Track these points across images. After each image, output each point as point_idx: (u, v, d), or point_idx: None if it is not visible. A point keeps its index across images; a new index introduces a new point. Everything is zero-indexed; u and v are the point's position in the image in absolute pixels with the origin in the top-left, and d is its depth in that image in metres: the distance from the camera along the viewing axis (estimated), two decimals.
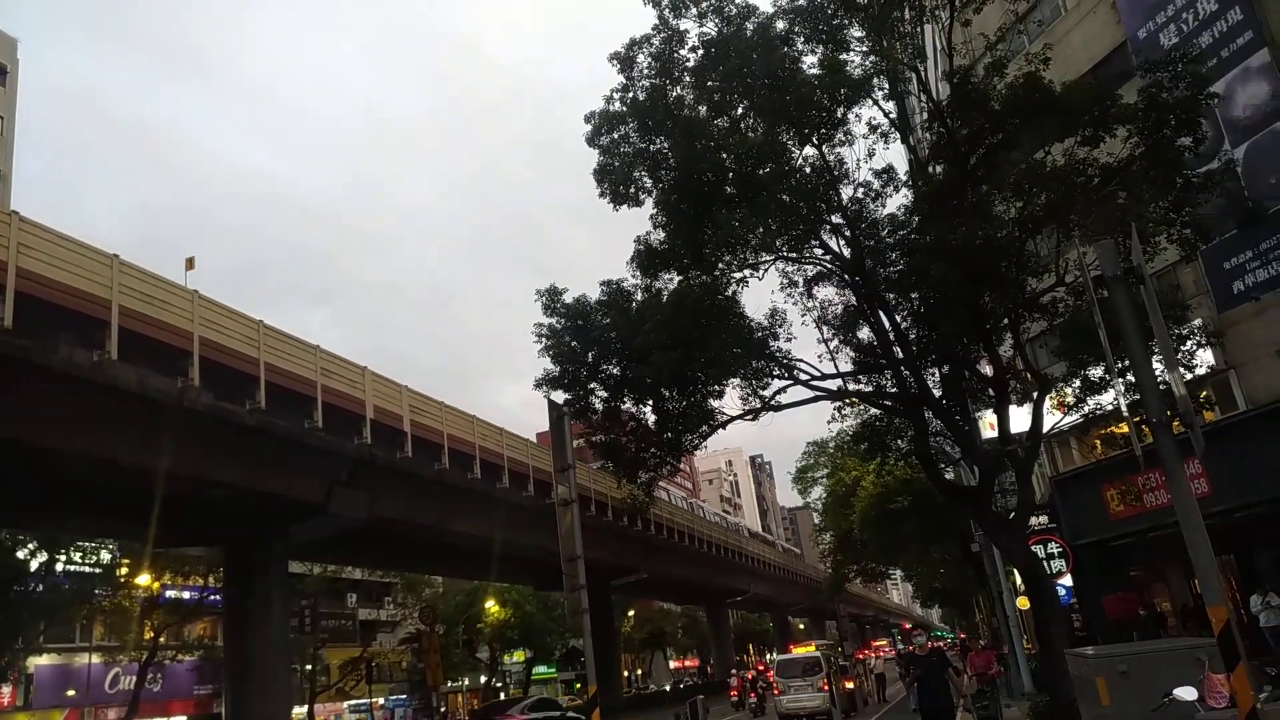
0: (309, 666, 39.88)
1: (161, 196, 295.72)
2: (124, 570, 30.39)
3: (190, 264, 22.11)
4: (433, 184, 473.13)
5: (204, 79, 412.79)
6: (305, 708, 38.44)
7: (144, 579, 29.64)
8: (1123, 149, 14.14)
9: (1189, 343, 16.76)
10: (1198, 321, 18.26)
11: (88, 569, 30.12)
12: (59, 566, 28.33)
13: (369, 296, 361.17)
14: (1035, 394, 16.41)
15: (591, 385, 17.71)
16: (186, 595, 33.98)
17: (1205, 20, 19.41)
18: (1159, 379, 8.02)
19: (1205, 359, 18.75)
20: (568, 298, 17.61)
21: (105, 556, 30.43)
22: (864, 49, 15.61)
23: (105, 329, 17.26)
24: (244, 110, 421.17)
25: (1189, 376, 17.01)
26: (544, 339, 17.54)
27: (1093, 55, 21.98)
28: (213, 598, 31.90)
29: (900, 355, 16.86)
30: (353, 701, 49.35)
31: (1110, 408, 17.31)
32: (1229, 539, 20.24)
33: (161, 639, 31.71)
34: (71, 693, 36.73)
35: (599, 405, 17.89)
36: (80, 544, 29.24)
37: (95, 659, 36.72)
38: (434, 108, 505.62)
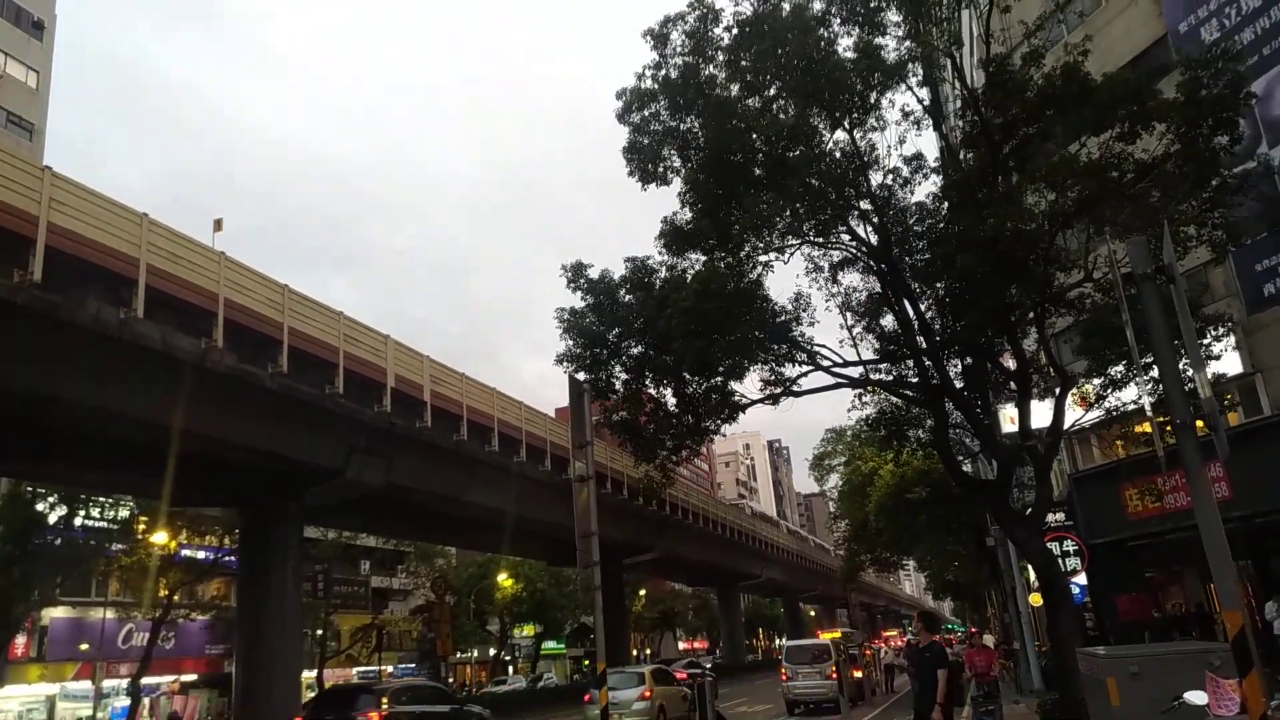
0: (320, 631, 40.32)
1: (187, 158, 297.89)
2: (141, 527, 30.75)
3: (219, 225, 22.28)
4: (458, 153, 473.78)
5: (233, 41, 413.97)
6: (315, 672, 38.89)
7: (161, 537, 29.96)
8: (1158, 145, 13.92)
9: (1209, 338, 16.52)
10: (1229, 317, 18.03)
11: (105, 525, 30.50)
12: (78, 521, 28.66)
13: (391, 263, 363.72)
14: (1057, 389, 16.28)
15: (613, 365, 17.72)
16: (202, 555, 34.34)
17: (1248, 16, 19.05)
18: (1185, 380, 7.93)
19: (1233, 363, 18.54)
20: (592, 273, 17.61)
21: (124, 513, 30.82)
22: (900, 33, 15.43)
23: (132, 287, 17.43)
24: (272, 74, 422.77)
25: (1213, 374, 16.83)
26: (565, 321, 17.56)
27: (1133, 47, 21.62)
28: (228, 558, 32.21)
29: (923, 345, 16.75)
30: (362, 668, 49.92)
31: (1132, 405, 17.15)
32: (1247, 544, 20.06)
33: (175, 597, 32.10)
34: (85, 646, 37.20)
35: (620, 386, 17.90)
36: (99, 499, 29.61)
37: (110, 614, 37.15)
38: (460, 77, 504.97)
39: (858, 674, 29.29)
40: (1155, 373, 9.84)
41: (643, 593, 64.44)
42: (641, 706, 21.05)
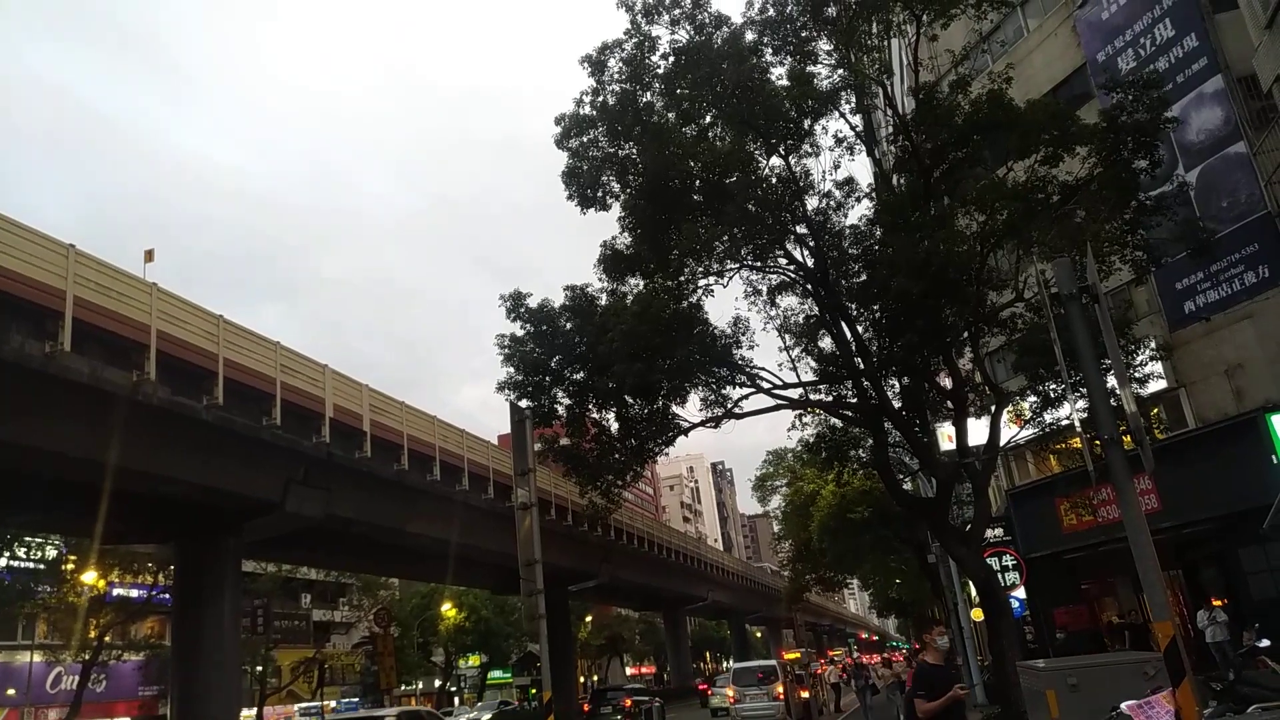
0: (260, 668, 39.25)
1: (111, 187, 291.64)
2: (70, 566, 29.66)
3: (149, 256, 21.72)
4: (393, 183, 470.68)
5: (157, 70, 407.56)
6: (254, 710, 37.81)
7: (91, 576, 28.93)
8: (1081, 168, 14.39)
9: (1141, 355, 17.07)
10: (1153, 341, 18.63)
11: (32, 565, 29.37)
12: (1, 562, 27.56)
13: (326, 294, 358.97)
14: (993, 407, 16.63)
15: (555, 392, 17.66)
16: (135, 594, 33.21)
17: (1162, 45, 19.83)
18: (1111, 396, 8.18)
19: (1155, 371, 19.14)
20: (531, 302, 17.56)
21: (51, 553, 29.71)
22: (832, 62, 15.78)
23: (59, 320, 16.89)
24: (200, 102, 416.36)
25: (1140, 391, 17.36)
26: (506, 349, 17.47)
27: (1053, 76, 22.36)
28: (162, 596, 31.19)
29: (861, 366, 17.01)
30: (303, 704, 48.67)
31: (1065, 422, 17.58)
32: (1177, 554, 20.63)
33: (107, 638, 30.98)
34: (12, 691, 35.78)
35: (563, 412, 17.85)
36: (24, 539, 28.52)
37: (37, 657, 35.78)
38: (394, 110, 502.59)
39: (804, 694, 29.40)
40: (1084, 389, 10.14)
41: (589, 619, 63.94)
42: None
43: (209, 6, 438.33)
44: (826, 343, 17.95)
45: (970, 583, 22.40)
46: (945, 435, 22.15)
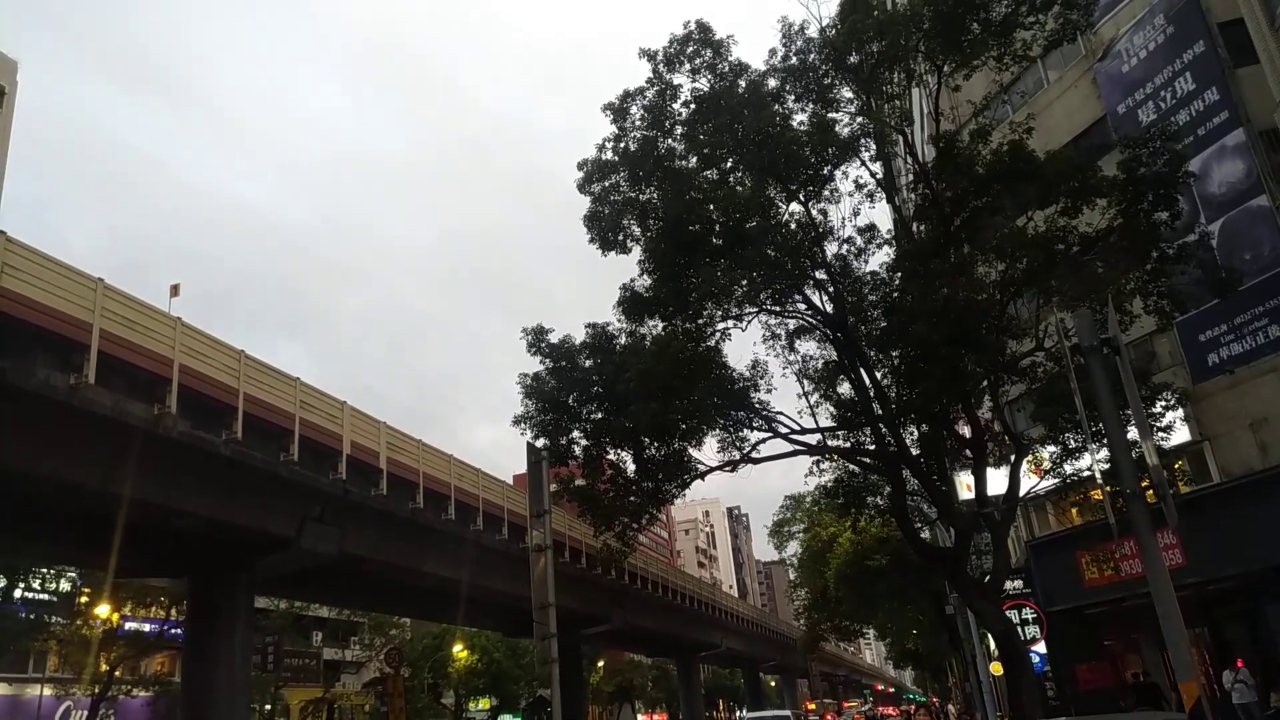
0: (268, 706, 38.96)
1: (135, 221, 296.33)
2: (84, 599, 29.69)
3: (175, 291, 21.96)
4: (409, 219, 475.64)
5: (180, 104, 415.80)
6: None
7: (104, 609, 28.93)
8: (1101, 219, 14.38)
9: (1159, 404, 16.87)
10: (1174, 393, 18.43)
11: (46, 597, 29.43)
12: (17, 593, 27.61)
13: (341, 329, 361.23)
14: (1012, 457, 16.47)
15: (572, 430, 17.65)
16: (147, 628, 33.18)
17: (1183, 99, 19.89)
18: (1134, 449, 8.09)
19: (1176, 420, 18.90)
20: (553, 338, 17.64)
21: (65, 586, 29.74)
22: (853, 109, 15.89)
23: (85, 352, 17.07)
24: (221, 138, 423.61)
25: (1163, 443, 17.14)
26: (527, 388, 17.51)
27: (1073, 127, 22.45)
28: (174, 631, 31.13)
29: (879, 412, 16.91)
30: None
31: (1086, 474, 17.38)
32: (1203, 611, 20.23)
33: (117, 672, 30.90)
34: None
35: (579, 451, 17.81)
36: (39, 571, 28.60)
37: (47, 691, 35.70)
38: (411, 143, 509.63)
39: None
40: (1105, 442, 10.01)
41: (600, 664, 63.20)
42: None
43: (227, 44, 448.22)
44: (845, 388, 17.88)
45: (989, 635, 22.03)
46: (964, 484, 21.93)
